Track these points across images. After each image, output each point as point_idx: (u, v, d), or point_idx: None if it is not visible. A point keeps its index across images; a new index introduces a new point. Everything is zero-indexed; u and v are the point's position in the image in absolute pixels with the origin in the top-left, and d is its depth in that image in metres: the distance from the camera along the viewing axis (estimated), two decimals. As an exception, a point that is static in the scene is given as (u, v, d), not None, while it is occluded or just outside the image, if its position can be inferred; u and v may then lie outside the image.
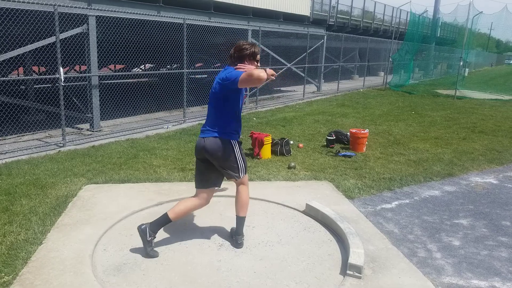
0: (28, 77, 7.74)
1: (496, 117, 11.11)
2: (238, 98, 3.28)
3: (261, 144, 6.21)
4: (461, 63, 18.12)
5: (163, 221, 3.33)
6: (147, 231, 3.29)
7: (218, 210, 4.27)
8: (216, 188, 3.53)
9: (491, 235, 3.90)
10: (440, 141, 7.85)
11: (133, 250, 3.38)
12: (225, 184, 4.72)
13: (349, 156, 6.48)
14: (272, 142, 6.44)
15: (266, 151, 6.30)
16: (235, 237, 3.55)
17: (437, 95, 16.89)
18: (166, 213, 3.35)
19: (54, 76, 6.79)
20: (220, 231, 3.77)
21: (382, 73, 24.66)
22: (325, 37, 16.10)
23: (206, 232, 3.75)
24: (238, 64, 3.23)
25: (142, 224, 3.33)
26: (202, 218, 4.06)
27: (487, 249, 3.62)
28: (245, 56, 3.25)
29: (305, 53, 14.30)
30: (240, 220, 3.53)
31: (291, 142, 6.95)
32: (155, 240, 3.37)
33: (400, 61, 20.20)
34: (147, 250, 3.32)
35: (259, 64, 3.35)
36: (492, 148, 7.38)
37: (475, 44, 33.53)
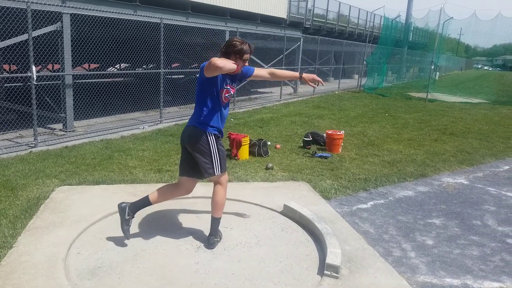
0: (-3, 75, 7.48)
1: (466, 120, 11.48)
2: (213, 91, 3.25)
3: (239, 145, 6.21)
4: (432, 67, 18.65)
5: (143, 203, 3.41)
6: (126, 210, 3.34)
7: (195, 211, 4.24)
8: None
9: (463, 234, 4.02)
10: (413, 143, 8.05)
11: (108, 253, 3.31)
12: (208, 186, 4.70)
13: (326, 157, 6.55)
14: (249, 143, 6.44)
15: (244, 152, 6.30)
16: (208, 237, 3.54)
17: (409, 97, 17.31)
18: (147, 195, 3.41)
19: (26, 74, 6.57)
20: (197, 233, 3.74)
21: (356, 76, 25.07)
22: (302, 39, 16.25)
23: (183, 234, 3.71)
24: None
25: (123, 203, 3.37)
26: (179, 220, 4.01)
27: (459, 248, 3.73)
28: (231, 52, 3.22)
29: (282, 55, 14.39)
30: (215, 221, 3.52)
31: (269, 143, 6.97)
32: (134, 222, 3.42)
33: (374, 64, 20.60)
34: (123, 228, 3.37)
35: (246, 63, 3.35)
36: (463, 150, 7.61)
37: (446, 49, 34.58)
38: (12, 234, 3.49)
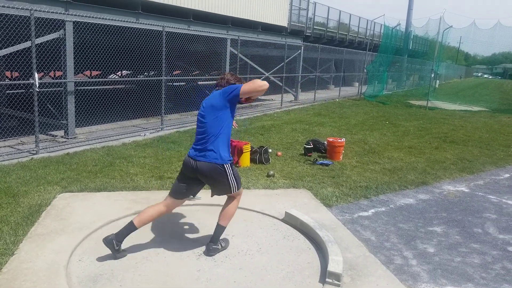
0: (0, 82, 7.51)
1: (466, 127, 11.50)
2: (230, 118, 3.33)
3: (240, 152, 6.22)
4: (432, 75, 18.72)
5: (129, 229, 3.32)
6: (114, 242, 3.27)
7: (196, 219, 4.24)
8: (191, 197, 3.62)
9: (464, 242, 4.02)
10: (414, 150, 8.06)
11: (110, 261, 3.31)
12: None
13: (327, 165, 6.56)
14: (251, 150, 6.46)
15: (245, 159, 6.31)
16: (208, 244, 3.51)
17: (410, 105, 17.35)
18: (131, 221, 3.33)
19: (28, 81, 6.60)
20: (199, 240, 3.74)
21: (357, 84, 25.14)
22: (302, 47, 16.33)
23: (185, 242, 3.71)
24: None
25: (108, 236, 3.30)
26: (180, 228, 4.02)
27: (461, 255, 3.73)
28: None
29: (282, 63, 14.46)
30: (219, 229, 3.51)
31: (270, 150, 6.98)
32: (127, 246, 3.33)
33: (374, 72, 20.67)
34: (116, 256, 3.34)
35: None
36: (463, 158, 7.62)
37: (445, 57, 34.67)
38: (14, 241, 3.50)
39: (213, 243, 3.51)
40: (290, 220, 4.20)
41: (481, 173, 6.71)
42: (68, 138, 7.71)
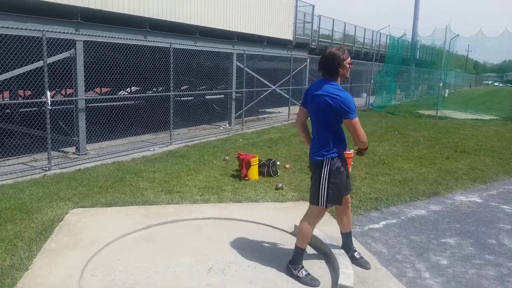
0: (14, 101, 7.67)
1: (477, 137, 11.38)
2: None
3: (248, 165, 6.24)
4: (441, 84, 18.63)
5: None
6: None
7: (206, 233, 4.25)
8: None
9: (478, 254, 3.97)
10: (424, 161, 8.00)
11: (121, 275, 3.33)
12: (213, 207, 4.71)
13: (336, 177, 6.53)
14: (259, 163, 6.47)
15: (253, 172, 6.32)
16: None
17: (419, 115, 17.26)
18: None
19: (41, 100, 6.74)
20: (208, 254, 3.74)
21: (364, 95, 25.11)
22: (308, 60, 16.42)
23: (195, 255, 3.72)
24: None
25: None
26: (190, 242, 4.03)
27: (475, 267, 3.67)
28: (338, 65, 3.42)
29: (289, 76, 14.54)
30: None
31: (278, 163, 6.99)
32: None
33: (381, 82, 20.65)
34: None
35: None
36: (475, 167, 7.54)
37: (453, 66, 34.54)
38: (28, 257, 3.54)
39: (291, 263, 3.45)
40: (300, 233, 4.18)
41: (494, 182, 6.63)
42: (79, 155, 7.81)
